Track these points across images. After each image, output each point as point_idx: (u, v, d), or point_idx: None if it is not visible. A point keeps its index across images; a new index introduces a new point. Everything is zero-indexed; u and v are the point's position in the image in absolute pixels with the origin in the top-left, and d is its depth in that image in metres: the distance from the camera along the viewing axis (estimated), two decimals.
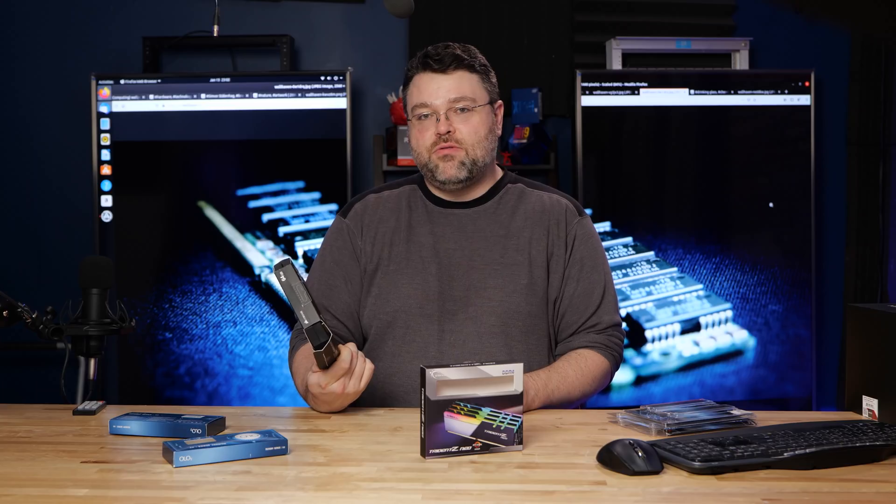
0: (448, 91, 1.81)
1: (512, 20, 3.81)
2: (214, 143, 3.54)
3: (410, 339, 1.82)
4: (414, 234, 1.88)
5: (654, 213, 3.61)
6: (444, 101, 1.81)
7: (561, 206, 1.91)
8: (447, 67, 1.82)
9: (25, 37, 3.81)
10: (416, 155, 1.86)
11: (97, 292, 1.79)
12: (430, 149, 1.83)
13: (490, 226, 1.87)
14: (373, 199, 1.94)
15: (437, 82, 1.82)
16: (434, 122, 1.81)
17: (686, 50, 3.73)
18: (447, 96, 1.81)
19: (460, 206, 1.89)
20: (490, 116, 1.86)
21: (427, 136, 1.82)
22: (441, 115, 1.81)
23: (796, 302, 3.61)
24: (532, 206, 1.89)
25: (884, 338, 1.58)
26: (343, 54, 3.87)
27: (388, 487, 1.26)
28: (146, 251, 3.54)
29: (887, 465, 1.35)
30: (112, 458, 1.42)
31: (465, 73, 1.83)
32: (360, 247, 1.89)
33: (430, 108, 1.82)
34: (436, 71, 1.82)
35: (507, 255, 1.84)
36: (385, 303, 1.84)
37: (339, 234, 1.92)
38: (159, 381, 3.51)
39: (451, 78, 1.82)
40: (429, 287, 1.82)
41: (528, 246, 1.85)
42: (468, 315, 1.81)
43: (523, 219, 1.88)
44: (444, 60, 1.82)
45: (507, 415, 1.41)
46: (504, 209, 1.89)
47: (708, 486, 1.25)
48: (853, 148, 3.89)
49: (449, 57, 1.82)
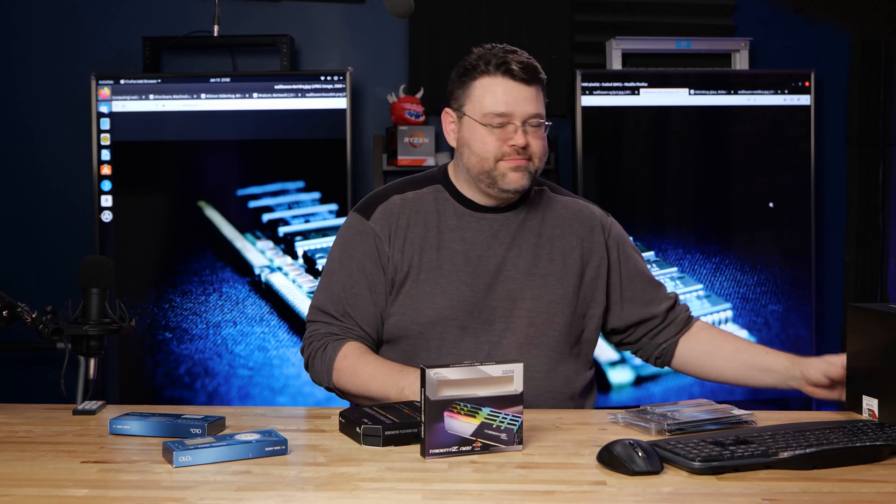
0: (528, 104, 1.78)
1: (512, 20, 3.81)
2: (214, 143, 3.54)
3: (448, 351, 1.79)
4: (444, 239, 1.83)
5: (654, 213, 3.61)
6: (523, 113, 1.77)
7: (590, 212, 1.93)
8: (532, 80, 1.79)
9: (25, 37, 3.80)
10: (480, 160, 1.79)
11: (97, 292, 1.79)
12: (497, 156, 1.78)
13: (521, 232, 1.85)
14: (398, 201, 1.86)
15: (520, 92, 1.78)
16: (510, 131, 1.77)
17: (686, 50, 3.72)
18: (528, 109, 1.77)
19: (491, 211, 1.86)
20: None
21: (498, 144, 1.77)
22: (519, 127, 1.77)
23: (796, 302, 3.61)
24: (561, 213, 1.89)
25: (884, 338, 1.58)
26: (343, 54, 3.87)
27: (388, 487, 1.26)
28: (146, 251, 3.54)
29: (887, 465, 1.35)
30: (112, 458, 1.42)
31: (541, 88, 1.81)
32: (387, 254, 1.82)
33: (508, 118, 1.77)
34: (518, 80, 1.78)
35: (541, 265, 1.83)
36: (417, 312, 1.80)
37: (363, 237, 1.84)
38: (159, 381, 3.51)
39: (531, 91, 1.79)
40: (463, 296, 1.80)
41: (563, 255, 1.85)
42: (507, 326, 1.79)
43: (553, 226, 1.87)
44: (528, 71, 1.78)
45: (507, 415, 1.41)
46: (534, 214, 1.87)
47: (708, 486, 1.25)
48: (853, 148, 3.89)
49: (532, 69, 1.79)
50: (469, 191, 1.86)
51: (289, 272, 3.49)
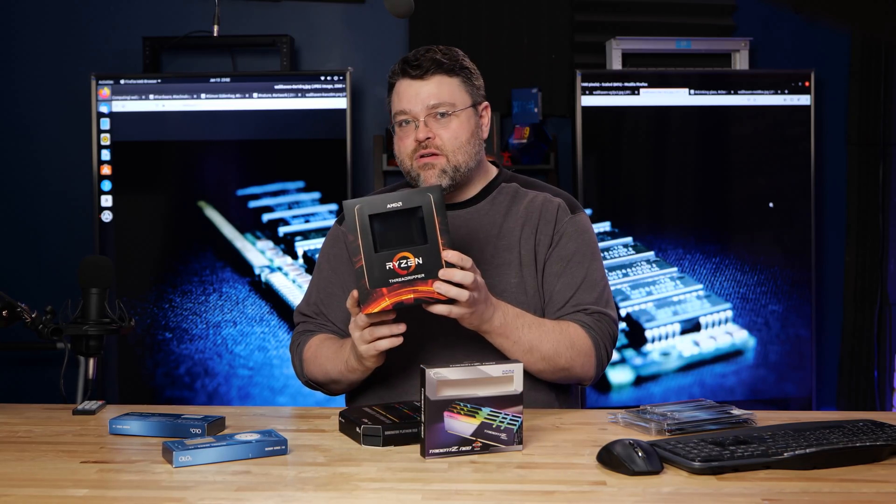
0: (427, 97, 1.79)
1: (512, 20, 3.81)
2: (214, 143, 3.54)
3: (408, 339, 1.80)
4: None
5: (654, 213, 3.61)
6: (422, 108, 1.78)
7: (553, 204, 1.88)
8: (425, 73, 1.79)
9: (25, 37, 3.81)
10: (400, 162, 1.84)
11: (97, 292, 1.79)
12: (411, 156, 1.80)
13: (482, 226, 1.86)
14: None
15: (416, 88, 1.79)
16: (413, 128, 1.79)
17: (686, 50, 3.72)
18: (426, 102, 1.78)
19: (453, 207, 1.87)
20: (472, 119, 1.83)
21: (408, 143, 1.80)
22: (420, 122, 1.79)
23: (796, 302, 3.61)
24: (525, 206, 1.88)
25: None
26: (343, 54, 3.87)
27: (388, 487, 1.26)
28: (146, 251, 3.54)
29: (887, 465, 1.35)
30: (112, 458, 1.42)
31: (444, 77, 1.80)
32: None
33: (410, 115, 1.79)
34: (414, 77, 1.79)
35: (498, 255, 1.84)
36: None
37: (335, 241, 1.94)
38: (159, 381, 3.51)
39: (429, 83, 1.79)
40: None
41: (518, 245, 1.84)
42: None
43: (514, 218, 1.87)
44: (422, 66, 1.79)
45: (507, 415, 1.41)
46: (497, 209, 1.88)
47: (708, 486, 1.25)
48: (853, 148, 3.89)
49: (427, 62, 1.80)
50: None
51: (289, 272, 3.49)
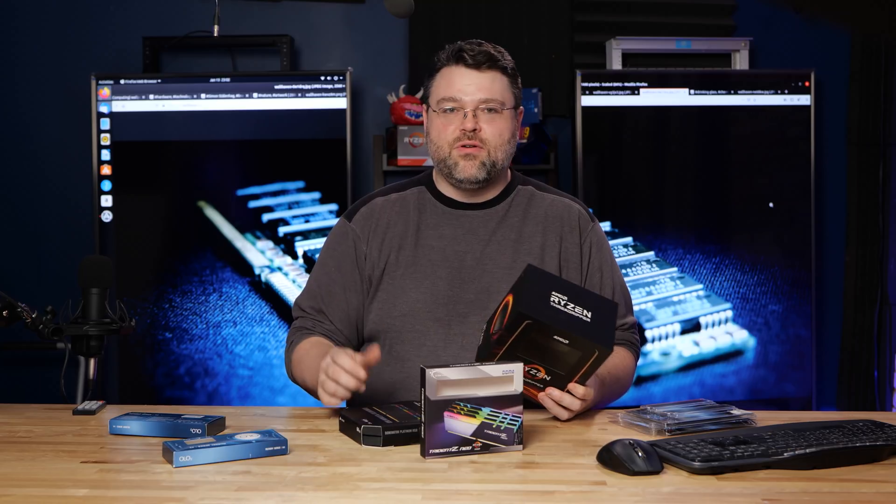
0: (479, 89, 1.79)
1: (512, 20, 3.81)
2: (214, 143, 3.54)
3: (420, 342, 1.80)
4: (423, 237, 1.86)
5: (654, 213, 3.61)
6: (473, 99, 1.79)
7: (573, 212, 1.90)
8: (482, 65, 1.79)
9: (25, 37, 3.81)
10: (437, 148, 1.82)
11: (97, 292, 1.79)
12: (451, 143, 1.80)
13: (502, 229, 1.86)
14: (380, 202, 1.91)
15: (470, 78, 1.79)
16: (460, 117, 1.79)
17: (686, 50, 3.72)
18: (478, 94, 1.79)
19: (472, 208, 1.87)
20: (514, 121, 1.85)
21: (451, 130, 1.80)
22: (469, 112, 1.79)
23: (796, 302, 3.61)
24: (544, 211, 1.89)
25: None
26: (343, 54, 3.87)
27: (388, 487, 1.26)
28: (146, 251, 3.54)
29: (887, 465, 1.35)
30: (112, 458, 1.42)
31: (497, 74, 1.81)
32: (364, 252, 1.87)
33: (458, 104, 1.79)
34: (469, 66, 1.79)
35: (519, 260, 1.83)
36: (392, 307, 1.82)
37: (343, 238, 1.91)
38: (159, 381, 3.51)
39: (484, 76, 1.79)
40: (438, 290, 1.81)
41: (541, 251, 1.85)
42: (482, 318, 1.79)
43: (534, 223, 1.87)
44: (478, 57, 1.79)
45: (507, 415, 1.41)
46: (515, 212, 1.88)
47: (708, 486, 1.25)
48: (853, 148, 3.89)
49: (484, 55, 1.80)
50: (449, 190, 1.89)
51: (289, 272, 3.49)
